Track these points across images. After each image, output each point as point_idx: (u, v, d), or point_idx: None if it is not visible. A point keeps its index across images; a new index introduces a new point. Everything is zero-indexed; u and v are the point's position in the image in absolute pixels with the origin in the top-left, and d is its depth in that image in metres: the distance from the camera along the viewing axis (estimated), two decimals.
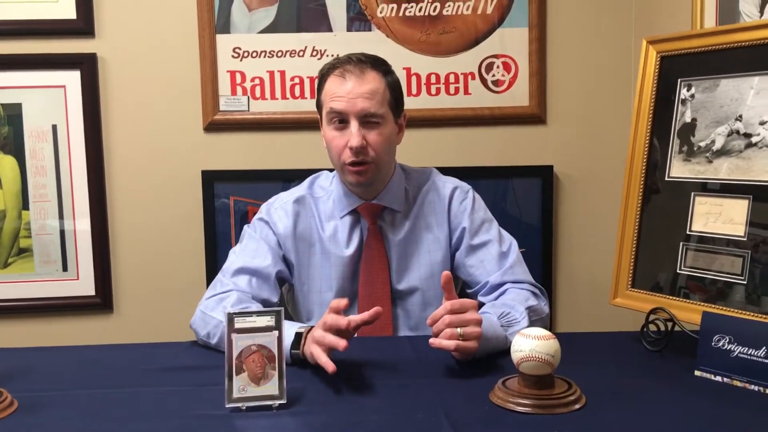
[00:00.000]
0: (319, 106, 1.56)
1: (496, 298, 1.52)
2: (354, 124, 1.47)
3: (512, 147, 2.24)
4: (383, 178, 1.57)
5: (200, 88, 2.15)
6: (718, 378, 1.21)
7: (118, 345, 1.55)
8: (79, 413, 1.12)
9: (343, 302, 1.24)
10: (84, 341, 1.91)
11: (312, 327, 1.31)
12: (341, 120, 1.49)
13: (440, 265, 1.59)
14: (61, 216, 2.16)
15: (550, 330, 1.14)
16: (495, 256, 1.57)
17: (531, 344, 1.09)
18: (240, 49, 2.15)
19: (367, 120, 1.48)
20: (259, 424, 1.07)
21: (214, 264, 2.15)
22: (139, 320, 2.21)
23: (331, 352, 1.21)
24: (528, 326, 1.38)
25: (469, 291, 1.63)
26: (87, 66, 2.12)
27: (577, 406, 1.09)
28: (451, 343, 1.21)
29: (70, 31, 2.11)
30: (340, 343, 1.18)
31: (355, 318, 1.22)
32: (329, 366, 1.17)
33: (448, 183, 1.65)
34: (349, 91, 1.47)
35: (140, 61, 2.15)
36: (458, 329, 1.22)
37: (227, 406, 1.10)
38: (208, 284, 1.57)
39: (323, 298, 1.57)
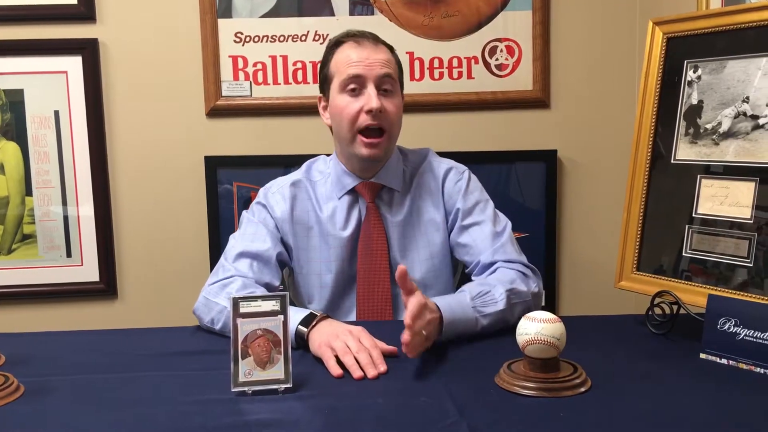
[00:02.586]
0: (327, 77, 1.55)
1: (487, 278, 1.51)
2: (371, 88, 1.49)
3: (516, 131, 2.23)
4: (388, 153, 1.57)
5: (202, 73, 2.14)
6: (724, 361, 1.21)
7: (123, 330, 1.56)
8: (84, 398, 1.12)
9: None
10: (88, 327, 1.92)
11: (328, 316, 1.32)
12: (357, 86, 1.49)
13: (439, 246, 1.59)
14: (64, 202, 2.16)
15: (553, 313, 1.14)
16: (488, 235, 1.55)
17: (536, 327, 1.09)
18: (242, 33, 2.14)
19: (383, 86, 1.50)
20: (266, 408, 1.07)
21: (217, 249, 2.15)
22: (143, 306, 2.22)
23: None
24: (505, 308, 1.39)
25: (466, 271, 1.62)
26: (89, 51, 2.11)
27: (582, 389, 1.09)
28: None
29: (71, 16, 2.10)
30: (371, 372, 1.18)
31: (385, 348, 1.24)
32: (337, 371, 1.18)
33: (443, 164, 1.64)
34: (367, 57, 1.50)
35: (142, 47, 2.14)
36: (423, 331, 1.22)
37: (233, 390, 1.11)
38: (211, 270, 1.57)
39: (323, 281, 1.58)
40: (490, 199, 1.63)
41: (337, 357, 1.21)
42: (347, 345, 1.22)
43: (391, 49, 1.57)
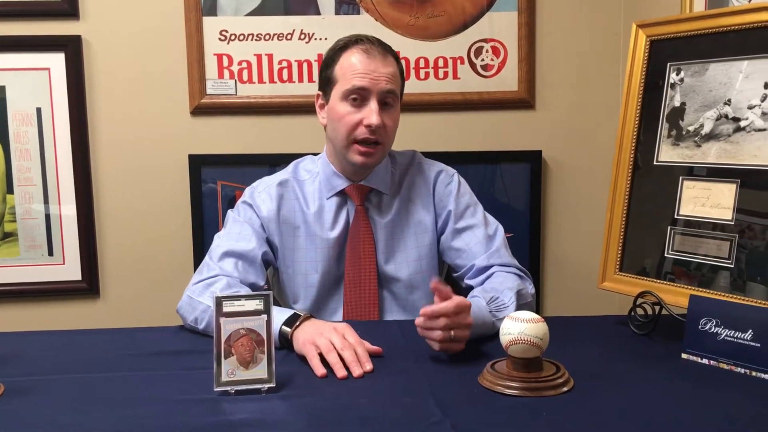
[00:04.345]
0: (330, 79, 1.54)
1: (483, 281, 1.52)
2: (374, 103, 1.48)
3: (501, 132, 2.23)
4: (380, 161, 1.57)
5: (187, 71, 2.13)
6: (705, 361, 1.22)
7: (105, 330, 1.55)
8: (66, 398, 1.11)
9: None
10: (70, 326, 1.90)
11: (312, 316, 1.33)
12: (360, 97, 1.48)
13: (427, 248, 1.60)
14: (46, 200, 2.13)
15: (537, 313, 1.15)
16: (481, 239, 1.57)
17: (520, 327, 1.10)
18: (227, 31, 2.13)
19: (384, 101, 1.49)
20: (248, 408, 1.07)
21: (201, 249, 2.13)
22: (126, 305, 2.20)
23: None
24: (516, 311, 1.39)
25: (454, 275, 1.63)
26: (71, 48, 2.08)
27: (565, 389, 1.10)
28: (436, 345, 1.23)
29: (54, 12, 2.08)
30: (356, 371, 1.18)
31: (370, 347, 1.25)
32: (321, 370, 1.18)
33: (434, 166, 1.65)
34: (374, 69, 1.48)
35: (126, 44, 2.12)
36: (451, 332, 1.22)
37: (216, 389, 1.10)
38: (195, 269, 1.56)
39: (309, 281, 1.57)
40: (479, 202, 1.64)
41: (321, 355, 1.21)
42: (332, 342, 1.22)
43: (396, 58, 1.56)
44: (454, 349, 1.24)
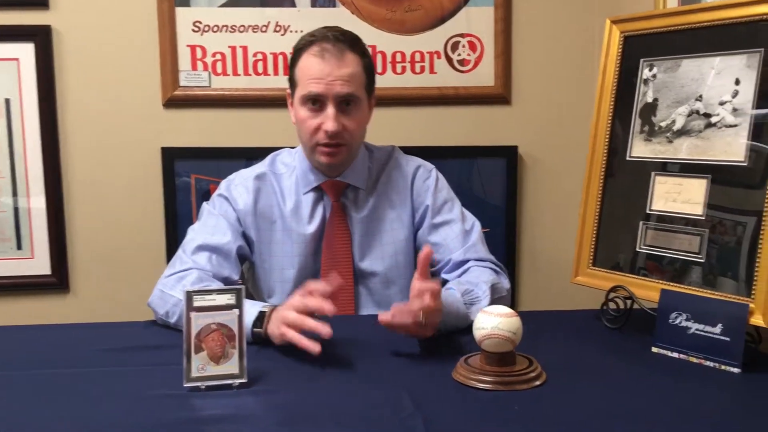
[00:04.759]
0: (292, 81, 1.53)
1: (460, 275, 1.52)
2: (330, 108, 1.45)
3: (477, 127, 2.23)
4: (351, 157, 1.55)
5: (159, 63, 2.10)
6: (675, 354, 1.23)
7: (74, 324, 1.53)
8: (33, 394, 1.09)
9: (322, 288, 1.21)
10: (39, 321, 1.86)
11: (275, 306, 1.29)
12: (318, 102, 1.46)
13: (403, 243, 1.59)
14: (15, 193, 2.09)
15: (512, 308, 1.15)
16: (458, 234, 1.57)
17: (493, 322, 1.10)
18: (200, 23, 2.10)
19: (344, 103, 1.46)
20: (219, 404, 1.05)
21: (174, 243, 2.11)
22: (97, 300, 2.17)
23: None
24: (489, 304, 1.38)
25: (431, 269, 1.62)
26: (41, 38, 2.04)
27: (537, 383, 1.10)
28: (403, 328, 1.22)
29: (23, 2, 2.04)
30: (324, 329, 1.16)
31: (319, 288, 1.21)
32: (315, 347, 1.16)
33: (412, 162, 1.64)
34: (328, 74, 1.44)
35: (97, 34, 2.08)
36: (421, 318, 1.21)
37: (185, 385, 1.09)
38: (168, 264, 1.54)
39: (285, 276, 1.56)
40: (456, 197, 1.64)
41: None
42: (290, 323, 1.20)
43: (361, 51, 1.50)
44: (423, 334, 1.24)
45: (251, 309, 1.29)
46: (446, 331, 1.31)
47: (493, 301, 1.41)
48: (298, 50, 1.50)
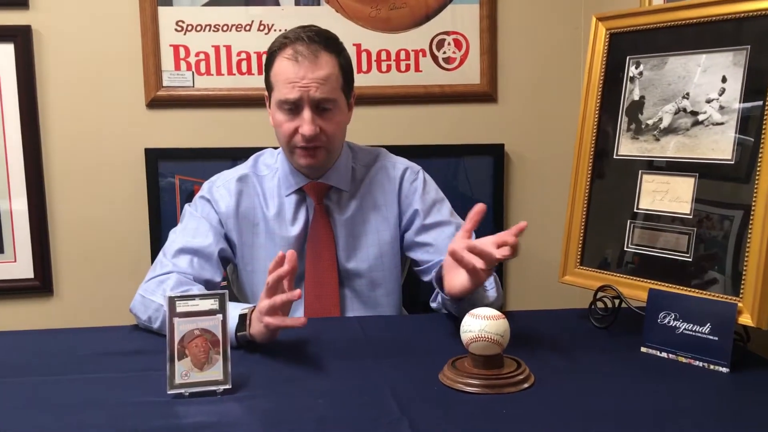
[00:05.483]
0: (268, 84, 1.51)
1: None
2: (306, 112, 1.43)
3: (463, 125, 2.22)
4: (332, 159, 1.54)
5: (142, 63, 2.07)
6: (664, 354, 1.23)
7: (57, 330, 1.50)
8: (15, 400, 1.07)
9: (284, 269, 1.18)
10: (22, 326, 1.82)
11: (254, 307, 1.27)
12: (293, 106, 1.44)
13: (388, 245, 1.58)
14: None
15: (500, 308, 1.14)
16: (449, 235, 1.56)
17: (480, 324, 1.08)
18: (183, 22, 2.07)
19: (320, 106, 1.44)
20: (203, 411, 1.03)
21: (158, 245, 2.07)
22: (81, 304, 2.14)
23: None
24: (496, 297, 1.42)
25: (418, 269, 1.61)
26: (21, 39, 2.01)
27: (525, 385, 1.09)
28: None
29: (2, 1, 2.00)
30: (298, 321, 1.17)
31: (279, 271, 1.18)
32: (300, 321, 1.16)
33: (399, 164, 1.63)
34: (303, 77, 1.42)
35: (78, 34, 2.05)
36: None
37: (169, 392, 1.07)
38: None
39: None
40: (445, 197, 1.63)
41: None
42: (265, 311, 1.19)
43: (337, 50, 1.47)
44: (479, 279, 1.25)
45: (232, 312, 1.27)
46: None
47: (498, 295, 1.43)
48: (272, 53, 1.48)
